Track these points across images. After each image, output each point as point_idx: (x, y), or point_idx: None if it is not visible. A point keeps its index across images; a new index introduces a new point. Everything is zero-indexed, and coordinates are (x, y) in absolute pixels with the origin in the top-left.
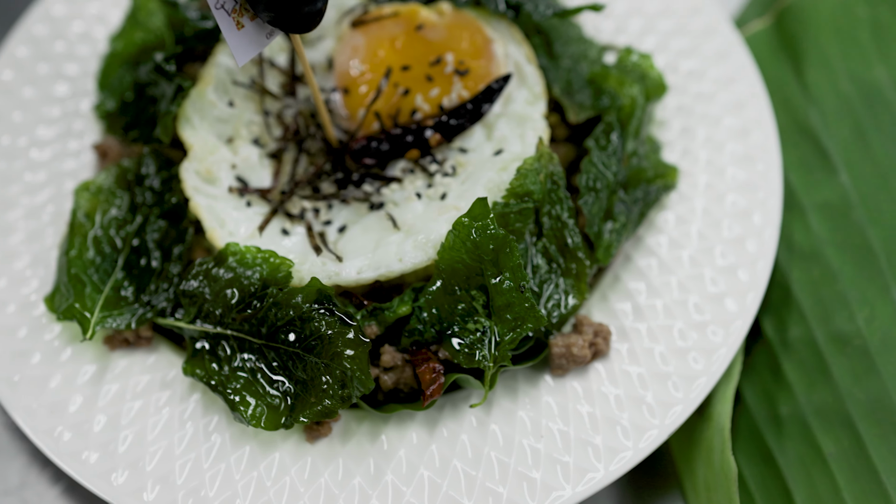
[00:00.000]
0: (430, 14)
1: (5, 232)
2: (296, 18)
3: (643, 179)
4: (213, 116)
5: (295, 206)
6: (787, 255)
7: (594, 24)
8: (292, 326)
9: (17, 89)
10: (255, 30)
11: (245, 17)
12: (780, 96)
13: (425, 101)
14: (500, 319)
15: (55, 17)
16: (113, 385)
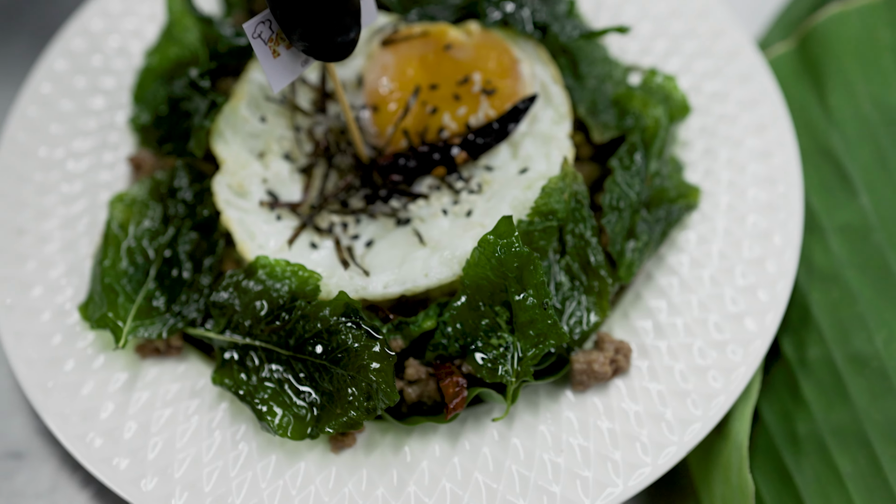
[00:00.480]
0: (458, 34)
1: (41, 241)
2: (329, 48)
3: (665, 199)
4: (245, 131)
5: (324, 220)
6: (806, 276)
7: (619, 45)
8: (320, 339)
9: (55, 102)
10: (291, 57)
11: (281, 46)
12: (803, 119)
13: (452, 120)
14: (522, 335)
15: (93, 31)
16: (144, 393)
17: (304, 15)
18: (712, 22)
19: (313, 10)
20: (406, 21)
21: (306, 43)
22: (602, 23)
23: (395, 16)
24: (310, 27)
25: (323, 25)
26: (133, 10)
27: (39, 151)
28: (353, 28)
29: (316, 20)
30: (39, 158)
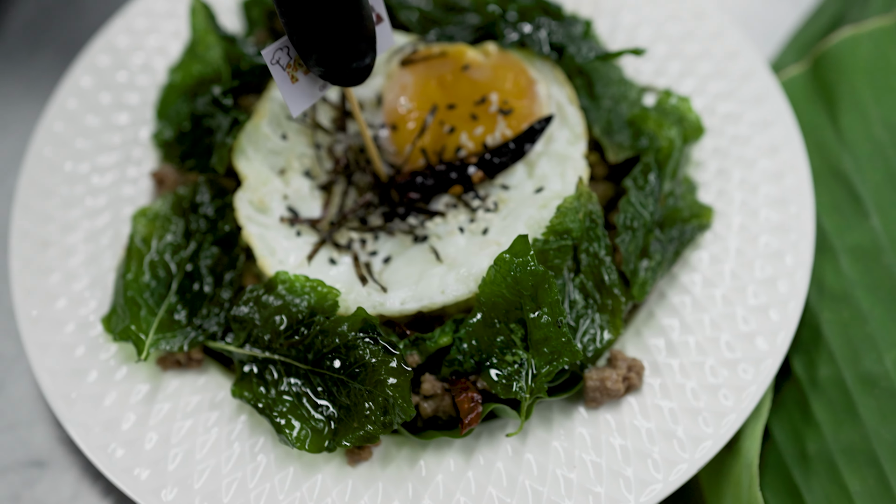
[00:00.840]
0: (476, 54)
1: (66, 254)
2: (345, 73)
3: (679, 219)
4: (266, 149)
5: (342, 236)
6: (817, 296)
7: (635, 66)
8: (338, 354)
9: (81, 117)
10: (309, 82)
11: (299, 72)
12: (815, 140)
13: (469, 139)
14: (537, 353)
15: (118, 48)
16: (165, 404)
17: (319, 41)
18: (726, 44)
19: (328, 36)
20: (425, 41)
21: (322, 68)
22: (617, 44)
23: (415, 36)
24: (325, 53)
25: (338, 51)
26: (157, 27)
27: (65, 166)
28: (368, 54)
29: (331, 46)
30: (65, 173)
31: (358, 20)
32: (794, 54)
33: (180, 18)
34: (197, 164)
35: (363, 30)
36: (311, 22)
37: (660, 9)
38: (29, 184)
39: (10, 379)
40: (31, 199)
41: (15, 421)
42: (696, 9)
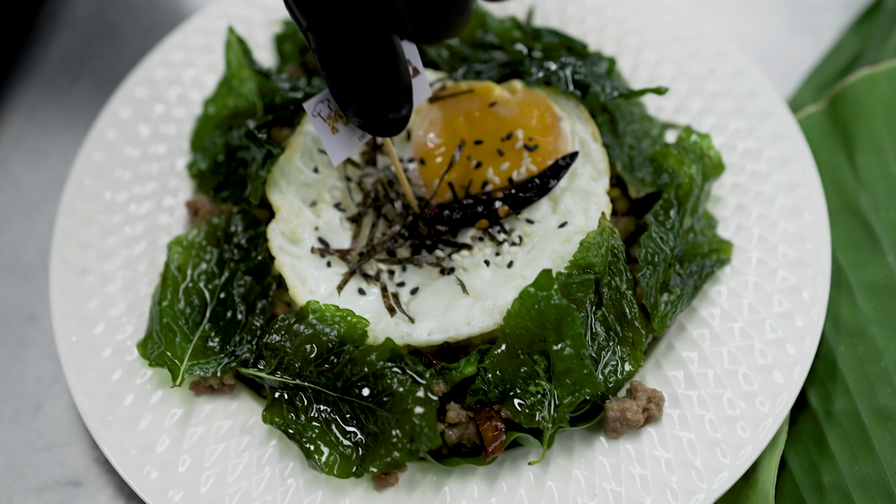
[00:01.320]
0: (503, 92)
1: (104, 281)
2: (382, 124)
3: (699, 254)
4: (298, 181)
5: (371, 267)
6: (833, 330)
7: (656, 103)
8: (366, 382)
9: (119, 147)
10: (349, 132)
11: (339, 122)
12: (832, 178)
13: (496, 174)
14: (559, 383)
15: (155, 80)
16: (198, 428)
17: (357, 93)
18: (746, 82)
19: (366, 89)
20: (453, 78)
21: (360, 119)
22: (640, 81)
23: (443, 73)
24: (363, 105)
25: (375, 103)
26: (193, 61)
27: (105, 194)
28: (404, 105)
29: (368, 98)
30: (105, 201)
31: (394, 74)
32: (812, 92)
33: (216, 53)
34: (231, 195)
35: (399, 83)
36: (349, 76)
37: (682, 47)
38: (69, 212)
39: (48, 400)
40: (71, 227)
41: (52, 441)
42: (717, 48)
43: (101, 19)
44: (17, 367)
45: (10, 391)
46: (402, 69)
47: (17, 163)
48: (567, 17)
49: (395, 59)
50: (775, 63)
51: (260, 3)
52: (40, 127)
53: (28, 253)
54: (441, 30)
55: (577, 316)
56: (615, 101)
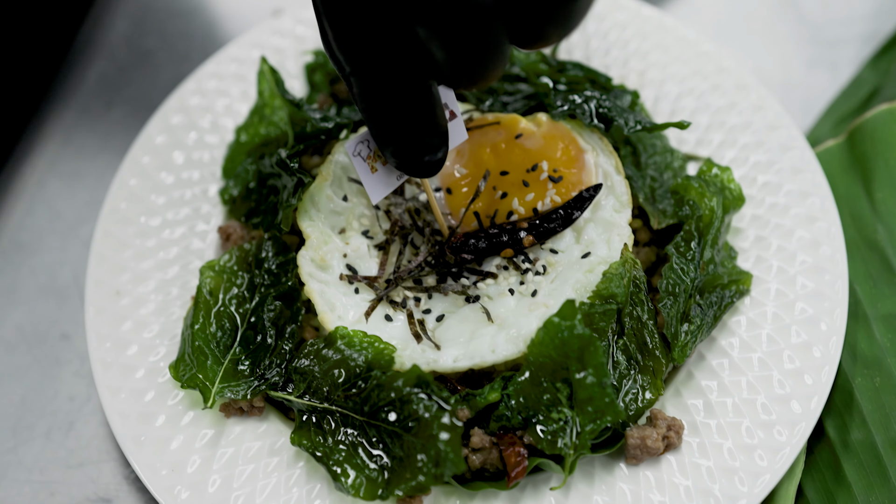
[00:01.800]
0: (528, 124)
1: (138, 303)
2: (418, 166)
3: (718, 285)
4: (328, 209)
5: (398, 294)
6: (850, 361)
7: (678, 136)
8: (393, 407)
9: (154, 173)
10: (387, 172)
11: (378, 162)
12: (850, 211)
13: (521, 205)
14: (581, 411)
15: (190, 107)
16: (228, 449)
17: (395, 136)
18: (767, 116)
19: (404, 133)
20: (480, 110)
21: (397, 160)
22: (662, 113)
23: (471, 105)
24: (401, 147)
25: (412, 146)
26: (227, 89)
27: (140, 219)
28: (440, 149)
29: (406, 141)
30: (140, 225)
31: (431, 118)
32: (831, 126)
33: (248, 81)
34: (262, 221)
35: (436, 127)
36: (388, 119)
37: (703, 81)
38: (105, 235)
39: (81, 419)
40: (106, 250)
41: (84, 459)
42: (737, 81)
43: (135, 46)
44: (51, 386)
45: (43, 409)
46: (438, 114)
47: (52, 186)
48: (591, 49)
49: (431, 105)
50: (794, 96)
51: (291, 34)
52: (75, 151)
53: (63, 274)
54: (477, 78)
55: (600, 345)
56: (638, 133)
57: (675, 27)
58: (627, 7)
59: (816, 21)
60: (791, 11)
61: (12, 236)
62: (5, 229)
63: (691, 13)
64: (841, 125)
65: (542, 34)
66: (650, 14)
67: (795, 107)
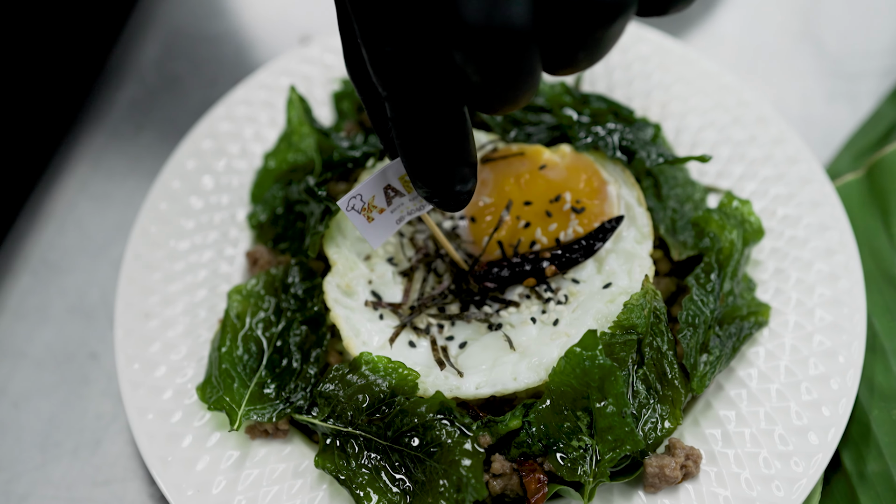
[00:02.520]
0: (552, 155)
1: (167, 325)
2: (449, 196)
3: (737, 316)
4: (354, 236)
5: (422, 321)
6: (867, 394)
7: (699, 168)
8: (416, 432)
9: (184, 197)
10: (385, 220)
11: (374, 212)
12: (868, 245)
13: (544, 234)
14: (601, 439)
15: (219, 132)
16: (253, 471)
17: (428, 162)
18: (787, 149)
19: (437, 157)
20: (505, 140)
21: (429, 190)
22: (683, 145)
23: (496, 135)
24: (432, 175)
25: (444, 174)
26: (255, 115)
27: (169, 242)
28: (470, 180)
29: (438, 168)
30: (169, 248)
31: (464, 144)
32: (850, 160)
33: (276, 108)
34: (289, 247)
35: (468, 154)
36: (422, 144)
37: (724, 113)
38: (134, 258)
39: (108, 437)
40: (135, 273)
41: (111, 476)
42: (758, 114)
43: (165, 70)
44: (78, 404)
45: (71, 427)
46: (471, 142)
47: (82, 207)
48: (614, 81)
49: (465, 131)
50: (814, 129)
51: (320, 62)
52: (105, 173)
53: (91, 294)
54: (510, 101)
55: (620, 376)
56: (660, 166)
57: (697, 60)
58: (650, 39)
59: (836, 54)
60: (811, 44)
61: (43, 256)
62: (36, 249)
63: (713, 45)
64: (860, 159)
65: (573, 59)
66: (673, 46)
67: (815, 140)
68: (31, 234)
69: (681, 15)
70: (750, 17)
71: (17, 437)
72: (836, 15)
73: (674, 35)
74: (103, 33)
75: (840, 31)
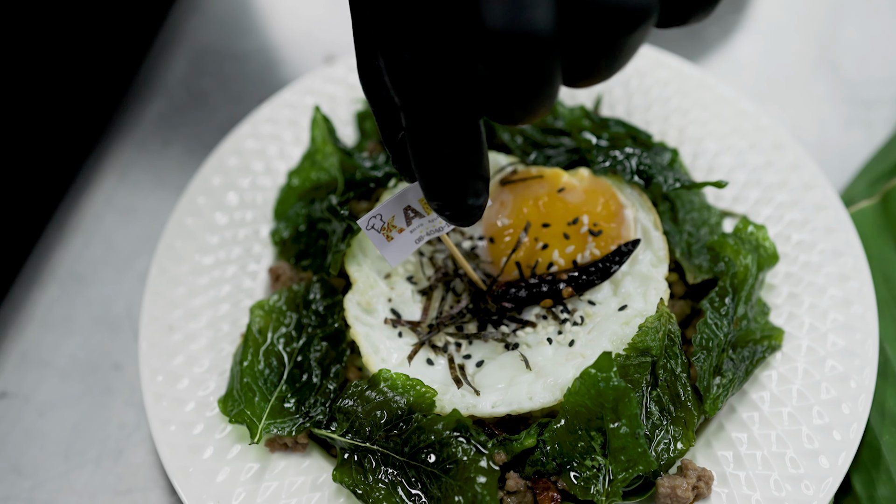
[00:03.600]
0: (570, 178)
1: (190, 339)
2: (462, 210)
3: (751, 340)
4: (375, 255)
5: (440, 339)
6: (879, 419)
7: (715, 193)
8: (432, 449)
9: (209, 213)
10: (404, 239)
11: (393, 231)
12: (882, 271)
13: (561, 256)
14: (614, 459)
15: (245, 150)
16: (272, 483)
17: (442, 175)
18: (802, 175)
19: (451, 169)
20: (525, 163)
21: (441, 202)
22: (700, 170)
23: (516, 157)
24: (446, 188)
25: (458, 185)
26: (280, 134)
27: (194, 257)
28: (482, 194)
29: (452, 180)
30: (193, 263)
31: (478, 156)
32: (865, 186)
33: (300, 126)
34: (311, 264)
35: (482, 168)
36: (437, 155)
37: (741, 139)
38: (160, 272)
39: (130, 447)
40: (160, 287)
41: (132, 486)
42: (774, 140)
43: (192, 87)
44: (102, 414)
45: (94, 436)
46: (485, 156)
47: (109, 220)
48: (633, 105)
49: (480, 142)
50: (830, 155)
51: (345, 82)
52: (131, 187)
53: (116, 305)
54: (529, 111)
55: (634, 397)
56: (676, 190)
57: (714, 85)
58: (669, 64)
59: (854, 81)
60: (829, 71)
61: (70, 268)
62: (63, 261)
63: (732, 70)
64: (875, 186)
65: (594, 68)
66: (691, 72)
67: (831, 166)
68: (58, 245)
69: (700, 40)
70: (768, 44)
71: (41, 446)
72: (853, 42)
73: (693, 60)
74: (132, 49)
75: (857, 57)
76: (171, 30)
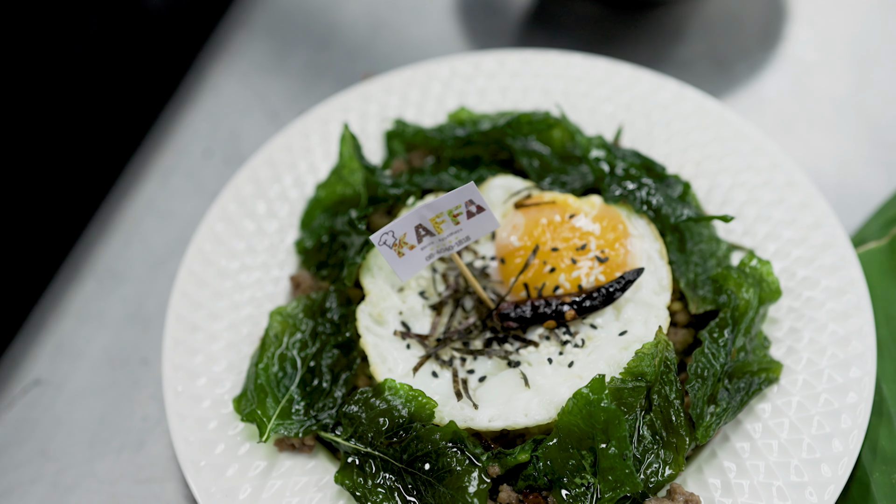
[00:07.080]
0: (582, 205)
1: (211, 339)
2: None
3: (748, 371)
4: (388, 269)
5: (446, 353)
6: (870, 456)
7: (725, 226)
8: (428, 458)
9: (238, 220)
10: (415, 256)
11: (405, 248)
12: (885, 312)
13: (567, 280)
14: (603, 479)
15: (276, 161)
16: (277, 481)
17: None
18: (812, 213)
19: None
20: (540, 187)
21: None
22: (713, 203)
23: (531, 182)
24: None
25: None
26: (311, 147)
27: (220, 261)
28: None
29: None
30: (220, 267)
31: None
32: (878, 227)
33: (331, 141)
34: (330, 274)
35: None
36: None
37: (755, 175)
38: (188, 274)
39: (151, 439)
40: (188, 288)
41: (151, 476)
42: (788, 178)
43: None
44: (127, 406)
45: (119, 427)
46: None
47: (147, 222)
48: (654, 137)
49: None
50: (848, 195)
51: (377, 100)
52: (171, 192)
53: (148, 303)
54: None
55: (624, 420)
56: (685, 222)
57: (734, 121)
58: (691, 98)
59: (878, 123)
60: (853, 111)
61: (108, 266)
62: (102, 259)
63: (758, 106)
64: (887, 227)
65: None
66: (712, 107)
67: (847, 206)
68: (98, 244)
69: (729, 75)
70: (796, 82)
71: (69, 432)
72: (882, 84)
73: (720, 95)
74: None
75: (885, 100)
76: (217, 43)
